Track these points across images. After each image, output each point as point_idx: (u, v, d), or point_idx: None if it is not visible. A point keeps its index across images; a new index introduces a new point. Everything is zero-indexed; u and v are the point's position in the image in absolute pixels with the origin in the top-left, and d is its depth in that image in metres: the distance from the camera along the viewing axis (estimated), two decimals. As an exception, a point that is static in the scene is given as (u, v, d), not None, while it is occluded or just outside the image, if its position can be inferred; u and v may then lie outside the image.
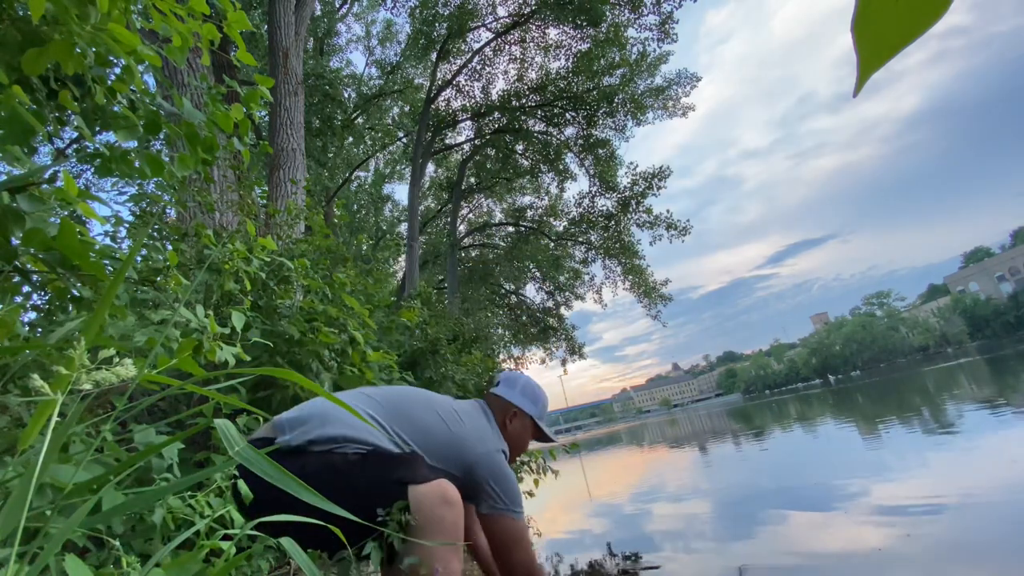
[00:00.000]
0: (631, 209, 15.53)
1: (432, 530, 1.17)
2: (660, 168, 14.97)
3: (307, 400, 2.23)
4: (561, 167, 16.28)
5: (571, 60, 13.70)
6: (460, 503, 1.26)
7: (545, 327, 18.88)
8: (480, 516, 1.48)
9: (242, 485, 1.20)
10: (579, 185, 57.70)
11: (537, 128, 15.49)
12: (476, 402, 1.65)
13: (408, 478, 1.24)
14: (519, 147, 16.32)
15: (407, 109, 16.27)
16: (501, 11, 13.72)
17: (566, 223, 17.77)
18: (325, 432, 1.29)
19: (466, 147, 16.81)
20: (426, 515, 1.18)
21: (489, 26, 14.08)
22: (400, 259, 19.30)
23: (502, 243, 19.71)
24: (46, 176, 1.26)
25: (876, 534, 2.98)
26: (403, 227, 19.67)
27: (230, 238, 2.36)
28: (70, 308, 1.48)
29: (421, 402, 1.50)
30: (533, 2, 12.97)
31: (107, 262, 1.28)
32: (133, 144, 1.57)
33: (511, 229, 19.52)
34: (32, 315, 1.68)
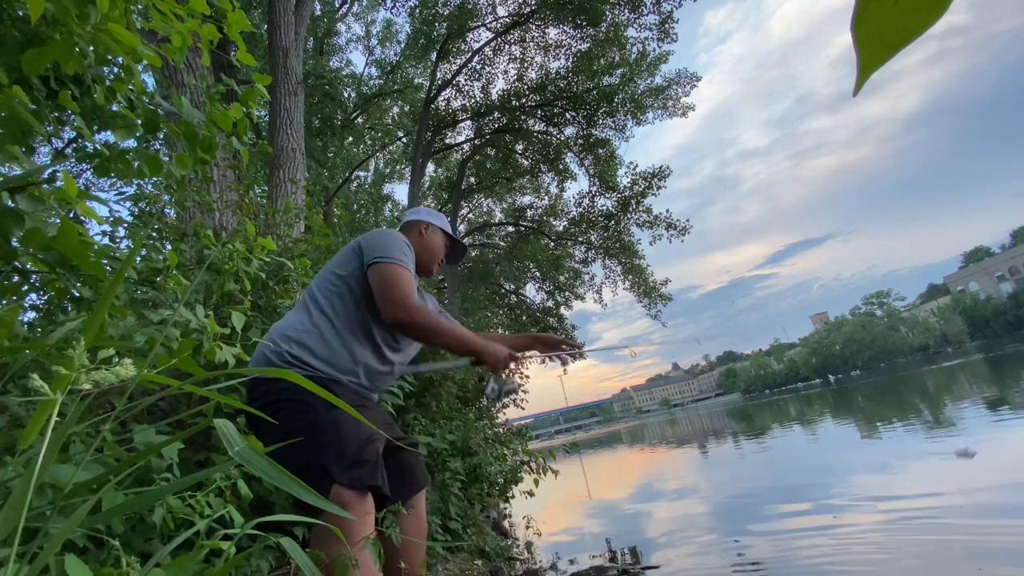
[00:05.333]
0: (631, 209, 15.50)
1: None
2: (660, 168, 14.96)
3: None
4: (561, 167, 16.25)
5: (571, 60, 13.68)
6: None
7: (545, 327, 18.84)
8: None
9: (241, 486, 1.20)
10: (579, 185, 57.65)
11: (537, 128, 15.46)
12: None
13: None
14: (519, 147, 16.29)
15: (407, 109, 16.25)
16: (501, 11, 13.72)
17: (566, 223, 17.74)
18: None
19: (466, 147, 16.78)
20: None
21: (489, 26, 14.07)
22: (400, 259, 19.20)
23: (502, 243, 19.69)
24: (45, 176, 1.26)
25: (875, 532, 2.97)
26: (403, 227, 19.60)
27: (230, 238, 2.36)
28: (69, 308, 1.47)
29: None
30: (533, 2, 12.96)
31: (106, 262, 1.28)
32: (132, 144, 1.57)
33: (511, 229, 19.49)
34: (31, 315, 1.68)
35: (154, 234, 2.52)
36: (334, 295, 1.52)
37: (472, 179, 18.00)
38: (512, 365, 1.57)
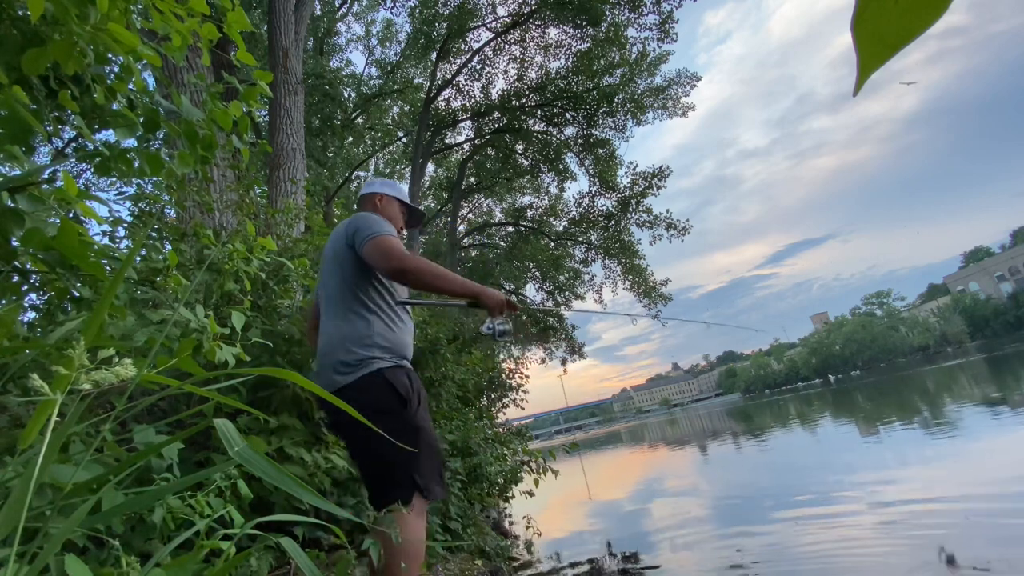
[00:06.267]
0: (631, 209, 15.49)
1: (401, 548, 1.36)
2: (660, 168, 14.95)
3: (306, 396, 2.24)
4: (561, 167, 16.24)
5: (571, 60, 13.67)
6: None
7: (545, 327, 18.84)
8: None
9: (241, 486, 1.21)
10: (579, 185, 57.66)
11: (537, 128, 15.46)
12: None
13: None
14: (519, 147, 16.28)
15: (407, 109, 16.24)
16: (501, 11, 13.71)
17: (566, 223, 17.74)
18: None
19: (466, 147, 16.78)
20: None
21: (489, 26, 14.06)
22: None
23: (502, 243, 19.69)
24: (45, 176, 1.26)
25: (875, 533, 2.97)
26: (403, 227, 19.60)
27: (230, 238, 2.36)
28: (69, 308, 1.47)
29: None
30: (533, 2, 12.95)
31: (106, 262, 1.28)
32: (132, 143, 1.56)
33: (511, 229, 19.49)
34: (31, 315, 1.68)
35: (154, 234, 2.52)
36: (370, 290, 1.65)
37: (472, 179, 17.99)
38: (508, 310, 1.70)
